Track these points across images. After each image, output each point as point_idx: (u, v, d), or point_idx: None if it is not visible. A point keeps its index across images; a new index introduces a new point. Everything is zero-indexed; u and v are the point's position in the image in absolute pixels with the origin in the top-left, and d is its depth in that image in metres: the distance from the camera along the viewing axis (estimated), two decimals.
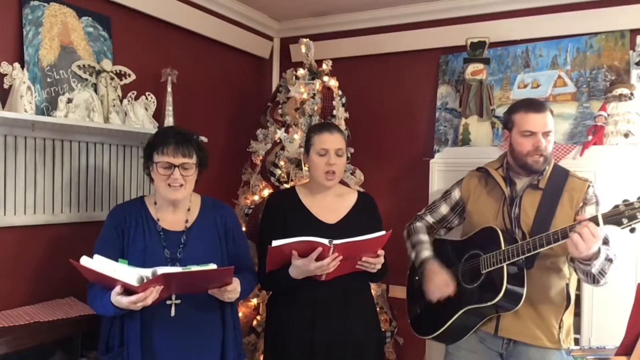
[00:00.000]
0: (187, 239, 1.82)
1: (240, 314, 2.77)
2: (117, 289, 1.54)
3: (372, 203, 2.13)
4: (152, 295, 1.54)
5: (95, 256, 1.58)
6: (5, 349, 1.78)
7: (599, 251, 1.69)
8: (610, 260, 1.77)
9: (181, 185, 1.77)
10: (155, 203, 1.86)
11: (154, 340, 1.72)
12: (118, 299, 1.55)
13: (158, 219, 1.83)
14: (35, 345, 1.88)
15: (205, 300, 1.76)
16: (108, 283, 1.57)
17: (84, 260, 1.54)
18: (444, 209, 2.19)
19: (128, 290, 1.54)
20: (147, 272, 1.57)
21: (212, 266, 1.65)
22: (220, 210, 1.94)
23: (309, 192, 2.07)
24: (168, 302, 1.72)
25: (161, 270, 1.56)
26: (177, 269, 1.61)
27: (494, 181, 2.01)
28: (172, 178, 1.76)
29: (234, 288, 1.73)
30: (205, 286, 1.70)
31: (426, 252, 2.12)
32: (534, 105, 1.94)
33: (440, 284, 2.01)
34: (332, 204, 2.04)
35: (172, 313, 1.73)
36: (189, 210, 1.88)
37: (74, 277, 1.77)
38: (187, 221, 1.86)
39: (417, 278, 2.16)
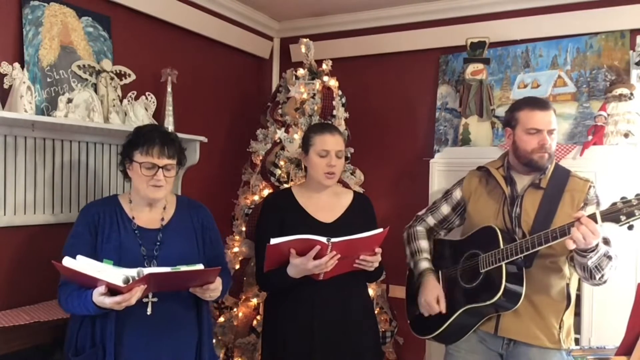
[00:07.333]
0: (163, 237, 1.80)
1: (240, 314, 2.79)
2: (101, 289, 1.51)
3: (368, 202, 2.13)
4: (136, 295, 1.52)
5: (78, 257, 1.55)
6: (5, 349, 1.78)
7: (597, 244, 1.69)
8: (609, 258, 1.76)
9: (162, 185, 1.77)
10: (130, 201, 1.84)
11: (129, 339, 1.68)
12: (101, 299, 1.51)
13: (133, 217, 1.81)
14: (35, 345, 1.88)
15: (181, 298, 1.75)
16: (88, 283, 1.54)
17: (67, 262, 1.51)
18: (445, 209, 2.18)
19: (111, 290, 1.52)
20: (132, 272, 1.54)
21: (200, 266, 1.64)
22: (197, 210, 1.94)
23: (305, 192, 2.07)
24: (145, 300, 1.67)
25: (147, 270, 1.55)
26: (165, 269, 1.59)
27: (495, 181, 2.01)
28: (155, 179, 1.75)
29: (217, 287, 1.71)
30: (188, 285, 1.69)
31: (424, 264, 2.12)
32: (540, 103, 1.93)
33: (430, 300, 2.01)
34: (328, 203, 2.04)
35: (149, 311, 1.69)
36: (164, 208, 1.87)
37: None
38: (162, 219, 1.84)
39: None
